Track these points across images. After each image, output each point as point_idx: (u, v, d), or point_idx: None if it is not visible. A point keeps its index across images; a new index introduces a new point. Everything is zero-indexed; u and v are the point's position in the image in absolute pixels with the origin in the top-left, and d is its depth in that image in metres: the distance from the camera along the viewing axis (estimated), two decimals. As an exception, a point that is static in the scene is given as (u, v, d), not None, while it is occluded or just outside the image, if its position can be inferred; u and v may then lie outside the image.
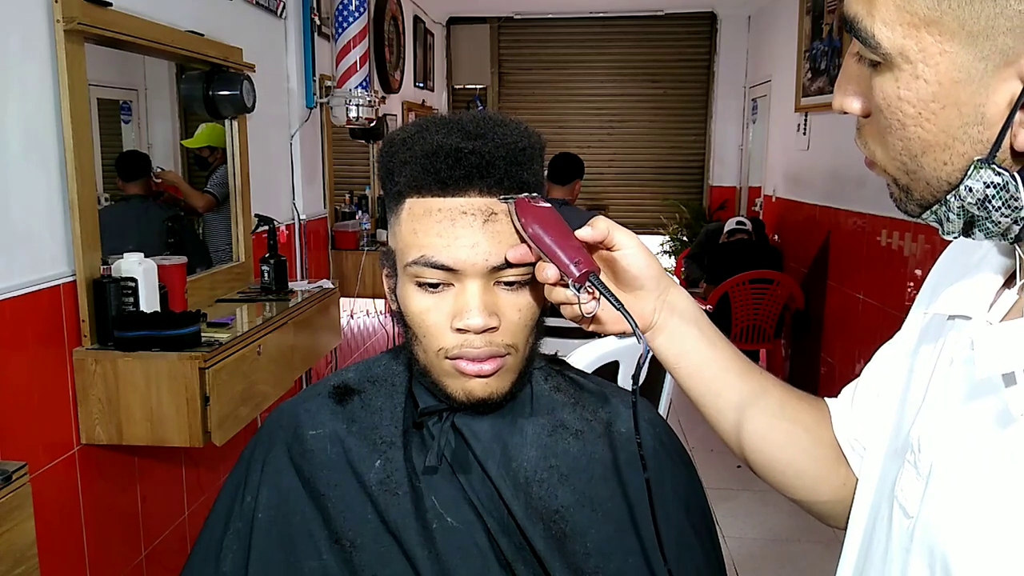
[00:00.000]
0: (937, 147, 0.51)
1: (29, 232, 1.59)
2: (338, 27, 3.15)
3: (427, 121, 0.79)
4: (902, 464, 0.61)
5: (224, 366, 1.79)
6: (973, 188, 0.51)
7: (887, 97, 0.52)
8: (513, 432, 0.81)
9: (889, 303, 3.27)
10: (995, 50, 0.47)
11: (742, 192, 6.21)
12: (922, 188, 0.54)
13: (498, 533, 0.77)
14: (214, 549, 0.84)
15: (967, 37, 0.48)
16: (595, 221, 0.73)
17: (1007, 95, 0.48)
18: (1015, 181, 0.49)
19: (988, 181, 0.50)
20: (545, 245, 0.70)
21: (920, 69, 0.50)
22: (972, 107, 0.49)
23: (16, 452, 1.52)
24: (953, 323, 0.62)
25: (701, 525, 0.86)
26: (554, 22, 6.36)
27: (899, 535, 0.60)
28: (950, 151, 0.51)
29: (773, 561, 2.90)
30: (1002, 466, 0.51)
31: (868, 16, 0.51)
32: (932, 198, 0.54)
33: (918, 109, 0.51)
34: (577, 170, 3.49)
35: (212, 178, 2.54)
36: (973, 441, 0.54)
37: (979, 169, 0.50)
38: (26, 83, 1.58)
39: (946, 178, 0.52)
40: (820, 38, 4.19)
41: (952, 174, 0.51)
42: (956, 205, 0.52)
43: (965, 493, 0.53)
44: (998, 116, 0.49)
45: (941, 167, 0.52)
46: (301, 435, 0.84)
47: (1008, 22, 0.46)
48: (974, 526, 0.52)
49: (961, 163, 0.51)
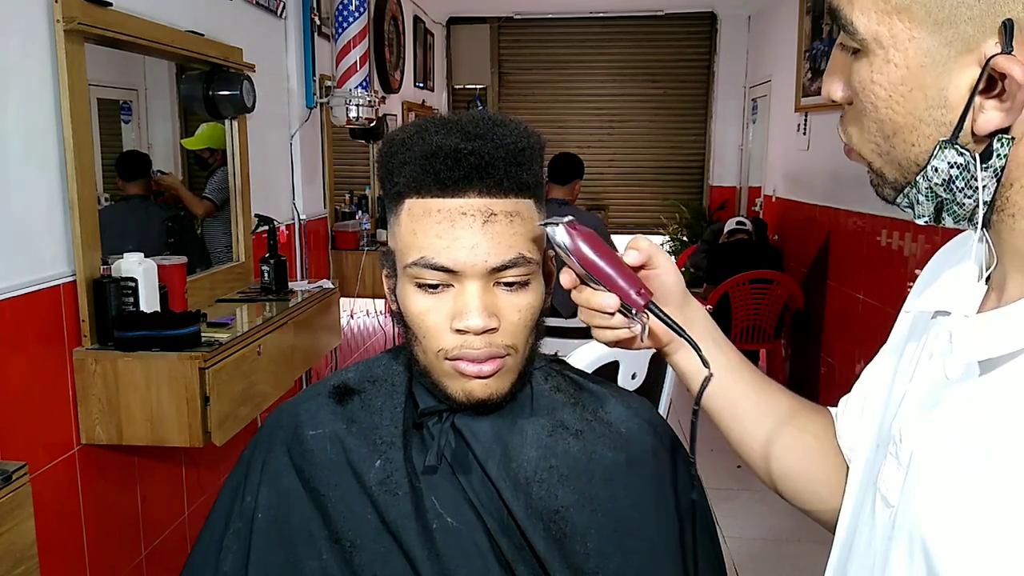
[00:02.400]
0: (906, 129, 0.55)
1: (29, 232, 1.59)
2: (338, 27, 3.15)
3: (427, 121, 0.79)
4: (885, 456, 0.63)
5: (224, 366, 1.79)
6: (939, 168, 0.54)
7: (862, 81, 0.56)
8: (513, 432, 0.81)
9: (889, 303, 3.27)
10: (957, 37, 0.51)
11: (742, 192, 6.21)
12: (895, 170, 0.57)
13: (498, 533, 0.77)
14: (214, 549, 0.84)
15: (933, 24, 0.51)
16: (637, 244, 0.75)
17: (968, 80, 0.51)
18: (975, 160, 0.53)
19: (952, 161, 0.53)
20: (601, 273, 0.71)
21: (891, 54, 0.53)
22: (936, 91, 0.52)
23: (16, 452, 1.52)
24: (936, 320, 0.64)
25: (701, 525, 0.86)
26: (554, 22, 6.36)
27: (881, 525, 0.61)
28: (917, 132, 0.54)
29: (773, 561, 2.90)
30: (979, 454, 0.52)
31: (848, 4, 0.55)
32: (904, 180, 0.57)
33: (888, 92, 0.54)
34: (577, 170, 3.49)
35: (211, 181, 2.54)
36: (951, 431, 0.55)
37: (943, 150, 0.53)
38: (26, 83, 1.58)
39: (914, 159, 0.55)
40: (820, 38, 4.19)
41: (920, 155, 0.55)
42: (924, 186, 0.55)
43: (944, 481, 0.54)
44: (960, 100, 0.52)
45: (910, 148, 0.55)
46: (301, 435, 0.84)
47: (969, 11, 0.50)
48: (953, 513, 0.53)
49: (927, 145, 0.54)
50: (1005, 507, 0.49)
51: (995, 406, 0.52)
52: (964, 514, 0.52)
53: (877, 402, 0.71)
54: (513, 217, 0.75)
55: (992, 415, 0.52)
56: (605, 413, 0.86)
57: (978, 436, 0.52)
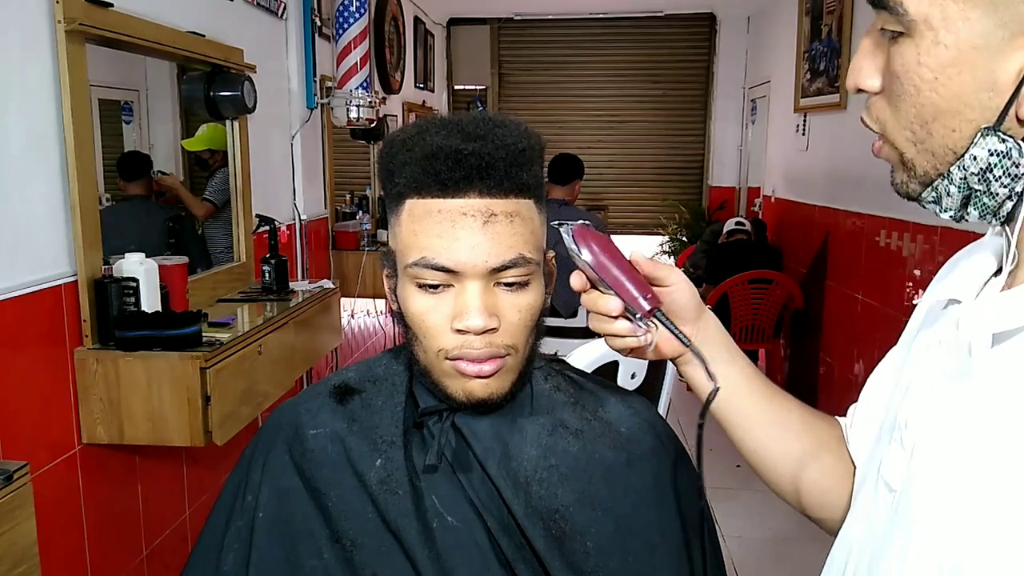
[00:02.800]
0: (948, 113, 0.54)
1: (30, 232, 1.60)
2: (339, 28, 3.15)
3: (427, 122, 0.79)
4: (889, 443, 0.63)
5: (225, 366, 1.79)
6: (977, 156, 0.53)
7: (906, 63, 0.55)
8: (513, 432, 0.82)
9: (888, 303, 3.27)
10: (1014, 18, 0.50)
11: (741, 192, 6.21)
12: (927, 160, 0.56)
13: (498, 532, 0.78)
14: (215, 548, 0.84)
15: (989, 5, 0.51)
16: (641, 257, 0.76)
17: (1019, 62, 0.51)
18: (1019, 147, 0.52)
19: (992, 149, 0.53)
20: (611, 277, 0.71)
21: (941, 35, 0.52)
22: (986, 73, 0.52)
23: (17, 452, 1.53)
24: (948, 309, 0.64)
25: (700, 524, 0.86)
26: (554, 23, 6.36)
27: (883, 510, 0.61)
28: (960, 117, 0.53)
29: (773, 561, 2.90)
30: (982, 439, 0.52)
31: None
32: (935, 172, 0.56)
33: (935, 74, 0.53)
34: (577, 170, 3.49)
35: (211, 182, 2.54)
36: (955, 417, 0.55)
37: (985, 136, 0.53)
38: (27, 83, 1.58)
39: (952, 147, 0.54)
40: (819, 39, 4.19)
41: (959, 142, 0.54)
42: (958, 176, 0.55)
43: (945, 467, 0.54)
44: (1008, 84, 0.51)
45: (949, 135, 0.54)
46: (302, 434, 0.84)
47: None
48: (955, 499, 0.53)
49: (969, 130, 0.53)
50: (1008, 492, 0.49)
51: (999, 392, 0.52)
52: (966, 500, 0.52)
53: (884, 393, 0.71)
54: (513, 218, 0.76)
55: (995, 401, 0.52)
56: (605, 413, 0.86)
57: (981, 422, 0.52)
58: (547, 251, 0.82)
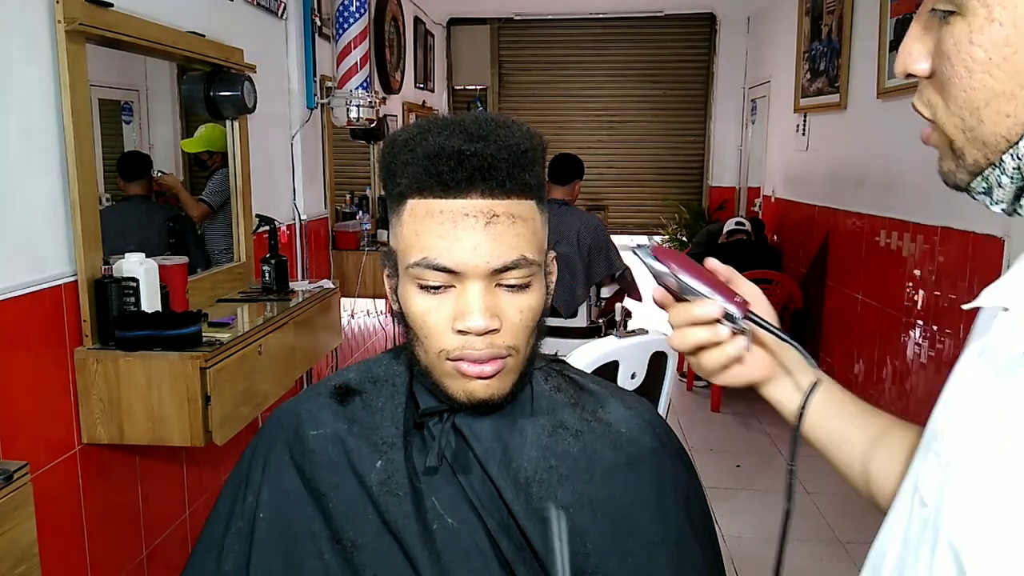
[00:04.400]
0: (1003, 97, 0.51)
1: (30, 232, 1.60)
2: (339, 28, 3.15)
3: (429, 122, 0.79)
4: (927, 454, 0.60)
5: (225, 366, 1.79)
6: None
7: (958, 43, 0.51)
8: (513, 432, 0.82)
9: (888, 303, 3.27)
10: None
11: (741, 192, 6.22)
12: (977, 149, 0.53)
13: (498, 533, 0.77)
14: (215, 549, 0.84)
15: None
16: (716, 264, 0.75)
17: None
18: None
19: None
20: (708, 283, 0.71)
21: (996, 12, 0.49)
22: None
23: (17, 452, 1.53)
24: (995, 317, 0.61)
25: (701, 525, 0.86)
26: (554, 23, 6.36)
27: (916, 526, 0.59)
28: (1015, 101, 0.50)
29: (773, 561, 2.90)
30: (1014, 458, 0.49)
31: None
32: (985, 161, 0.53)
33: (989, 54, 0.50)
34: (577, 170, 3.49)
35: (209, 184, 2.54)
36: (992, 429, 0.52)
37: None
38: (27, 83, 1.58)
39: (1004, 134, 0.51)
40: (819, 39, 4.20)
41: (1012, 128, 0.51)
42: (1012, 166, 0.52)
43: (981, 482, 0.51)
44: None
45: (1003, 120, 0.51)
46: (302, 435, 0.84)
47: None
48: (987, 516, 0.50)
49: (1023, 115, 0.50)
50: None
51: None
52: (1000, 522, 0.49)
53: None
54: (515, 218, 0.76)
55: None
56: (605, 413, 0.86)
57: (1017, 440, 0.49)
58: (547, 251, 0.82)
